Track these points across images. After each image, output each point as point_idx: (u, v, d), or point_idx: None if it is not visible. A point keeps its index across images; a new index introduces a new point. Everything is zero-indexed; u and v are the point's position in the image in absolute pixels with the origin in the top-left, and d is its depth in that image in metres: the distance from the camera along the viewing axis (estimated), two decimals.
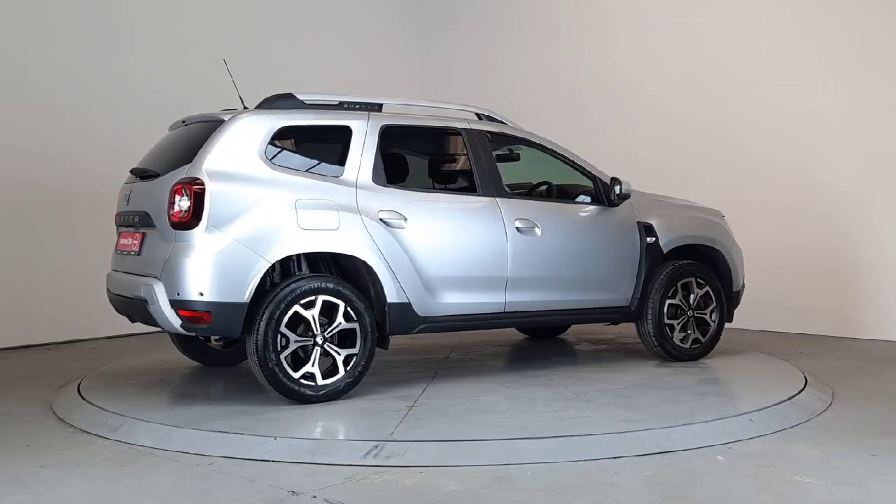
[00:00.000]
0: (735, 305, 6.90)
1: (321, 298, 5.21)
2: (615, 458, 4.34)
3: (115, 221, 5.98)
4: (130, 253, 5.56)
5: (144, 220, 5.43)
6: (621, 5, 9.68)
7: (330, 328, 5.24)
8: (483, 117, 6.30)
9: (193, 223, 5.03)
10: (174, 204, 5.09)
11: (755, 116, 8.62)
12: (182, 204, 5.06)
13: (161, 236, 5.24)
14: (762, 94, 8.56)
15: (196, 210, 5.03)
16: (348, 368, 5.31)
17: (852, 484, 3.98)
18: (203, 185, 5.05)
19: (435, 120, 6.12)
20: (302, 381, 5.18)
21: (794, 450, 4.52)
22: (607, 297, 6.29)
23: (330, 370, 5.29)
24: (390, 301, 5.44)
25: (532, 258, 5.94)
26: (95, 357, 7.34)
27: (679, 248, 6.59)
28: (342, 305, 5.26)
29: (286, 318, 5.12)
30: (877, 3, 7.93)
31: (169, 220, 5.12)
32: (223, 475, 4.17)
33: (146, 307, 5.20)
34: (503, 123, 6.32)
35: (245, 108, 5.79)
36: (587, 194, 6.39)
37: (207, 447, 4.52)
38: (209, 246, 5.01)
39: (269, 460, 4.35)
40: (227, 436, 4.60)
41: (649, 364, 6.44)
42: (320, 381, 5.23)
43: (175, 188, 5.11)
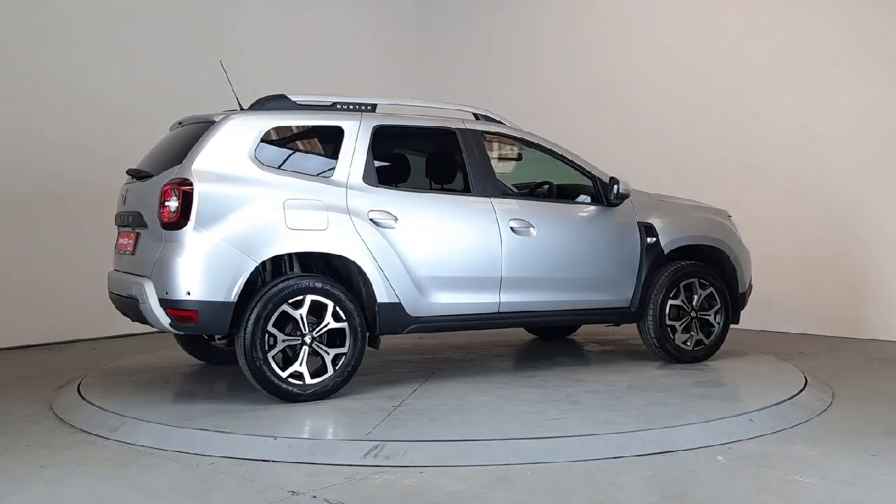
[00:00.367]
0: (742, 307, 6.80)
1: (309, 298, 5.25)
2: (615, 458, 4.34)
3: (115, 221, 6.02)
4: (126, 252, 5.63)
5: (138, 221, 5.50)
6: (624, 5, 9.68)
7: (318, 328, 5.28)
8: (480, 117, 6.29)
9: (182, 223, 5.09)
10: (164, 204, 5.16)
11: (757, 116, 8.61)
12: (171, 204, 5.13)
13: (152, 236, 5.31)
14: (765, 93, 8.55)
15: (184, 210, 5.09)
16: (337, 368, 5.34)
17: (852, 484, 3.98)
18: (191, 185, 5.11)
19: (429, 120, 6.11)
20: (290, 379, 5.22)
21: (794, 450, 4.52)
22: (606, 297, 6.26)
23: (319, 369, 5.32)
24: (380, 301, 5.45)
25: (527, 258, 5.93)
26: (95, 357, 7.34)
27: (683, 248, 6.53)
28: (331, 305, 5.29)
29: (274, 318, 5.17)
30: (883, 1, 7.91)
31: (159, 221, 5.19)
32: (223, 475, 4.17)
33: (138, 306, 5.28)
34: (501, 123, 6.31)
35: (242, 109, 5.80)
36: (587, 194, 6.37)
37: (207, 447, 4.52)
38: (197, 246, 5.07)
39: (269, 460, 4.35)
40: (227, 436, 4.60)
41: (651, 366, 6.40)
42: (308, 381, 5.27)
43: (165, 189, 5.18)
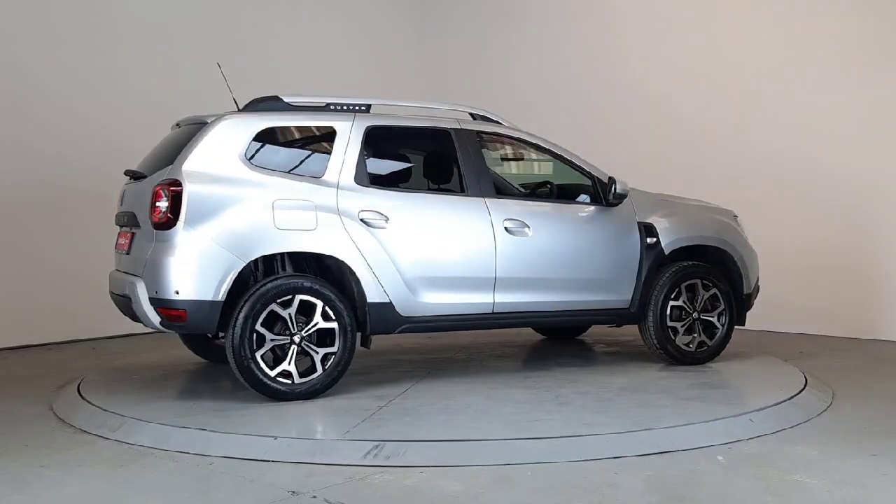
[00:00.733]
0: (747, 308, 6.70)
1: (298, 298, 5.28)
2: (615, 458, 4.34)
3: (115, 221, 6.05)
4: (123, 252, 5.71)
5: (133, 221, 5.59)
6: (625, 4, 9.66)
7: (308, 327, 5.30)
8: (477, 117, 6.27)
9: (171, 223, 5.16)
10: (154, 205, 5.24)
11: (760, 116, 8.59)
12: (161, 205, 5.20)
13: (145, 236, 5.39)
14: (768, 92, 8.54)
15: (174, 211, 5.16)
16: (326, 367, 5.36)
17: (852, 484, 3.98)
18: (180, 186, 5.17)
19: (423, 120, 6.10)
20: (278, 378, 5.26)
21: (794, 450, 4.52)
22: (604, 298, 6.21)
23: (309, 369, 5.35)
24: (370, 300, 5.47)
25: (522, 259, 5.90)
26: (95, 357, 7.34)
27: (688, 248, 6.46)
28: (320, 305, 5.32)
29: (262, 317, 5.20)
30: None
31: (150, 221, 5.27)
32: (223, 475, 4.17)
33: (131, 304, 5.36)
34: (498, 123, 6.29)
35: (239, 110, 5.81)
36: (588, 194, 6.33)
37: (207, 447, 4.53)
38: (185, 245, 5.13)
39: (269, 460, 4.35)
40: (227, 436, 4.61)
41: (652, 368, 6.33)
42: (297, 380, 5.30)
43: (155, 189, 5.26)
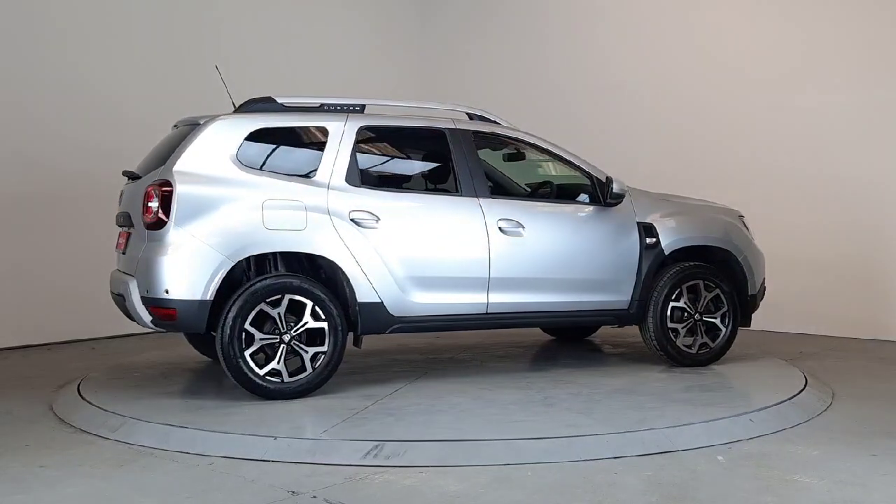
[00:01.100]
0: (753, 310, 6.61)
1: (287, 297, 5.30)
2: (615, 458, 4.35)
3: (115, 222, 6.08)
4: (121, 252, 5.80)
5: (129, 221, 5.66)
6: (626, 3, 9.66)
7: (297, 326, 5.32)
8: (475, 117, 6.26)
9: (162, 223, 5.22)
10: (146, 205, 5.30)
11: (764, 115, 8.58)
12: (153, 205, 5.27)
13: (138, 236, 5.46)
14: (771, 91, 8.53)
15: (164, 211, 5.21)
16: (316, 367, 5.39)
17: (852, 484, 3.98)
18: (171, 186, 5.22)
19: (417, 120, 6.09)
20: (267, 377, 5.29)
21: (794, 450, 4.52)
22: (603, 298, 6.17)
23: (299, 368, 5.37)
24: (361, 300, 5.48)
25: (517, 259, 5.89)
26: (95, 357, 7.34)
27: (691, 249, 6.40)
28: (309, 304, 5.34)
29: (251, 317, 5.23)
30: None
31: (142, 221, 5.33)
32: (223, 475, 4.18)
33: (125, 303, 5.44)
34: (496, 123, 6.27)
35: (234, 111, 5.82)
36: (588, 194, 6.30)
37: (207, 447, 4.53)
38: (175, 245, 5.19)
39: (269, 460, 4.35)
40: (227, 436, 4.61)
41: (653, 369, 6.27)
42: (286, 379, 5.32)
43: (147, 190, 5.32)
